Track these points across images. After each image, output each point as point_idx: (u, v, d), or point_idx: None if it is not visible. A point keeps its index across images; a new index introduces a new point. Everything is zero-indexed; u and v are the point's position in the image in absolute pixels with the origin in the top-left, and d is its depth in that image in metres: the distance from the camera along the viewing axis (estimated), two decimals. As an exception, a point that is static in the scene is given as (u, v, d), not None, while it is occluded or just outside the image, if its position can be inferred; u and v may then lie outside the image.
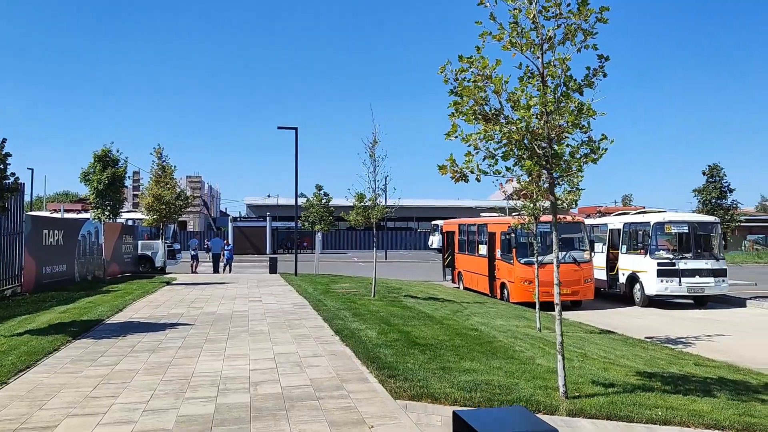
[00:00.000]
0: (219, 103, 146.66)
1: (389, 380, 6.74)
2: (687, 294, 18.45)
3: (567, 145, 6.23)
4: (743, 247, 56.46)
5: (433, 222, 55.23)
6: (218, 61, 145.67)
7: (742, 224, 31.41)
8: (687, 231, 18.71)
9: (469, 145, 6.26)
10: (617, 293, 20.24)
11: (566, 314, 15.86)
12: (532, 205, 11.91)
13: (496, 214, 20.72)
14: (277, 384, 6.72)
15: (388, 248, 50.23)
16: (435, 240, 52.63)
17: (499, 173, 6.41)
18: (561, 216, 16.34)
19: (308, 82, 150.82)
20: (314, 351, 8.57)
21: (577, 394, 6.43)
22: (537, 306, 12.25)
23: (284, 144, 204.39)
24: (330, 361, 7.87)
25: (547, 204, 12.19)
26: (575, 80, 6.19)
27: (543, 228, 16.02)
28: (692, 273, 18.23)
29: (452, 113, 6.35)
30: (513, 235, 18.05)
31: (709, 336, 13.28)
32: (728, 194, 21.38)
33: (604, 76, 6.35)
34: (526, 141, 6.09)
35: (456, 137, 6.28)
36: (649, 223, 18.96)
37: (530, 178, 6.45)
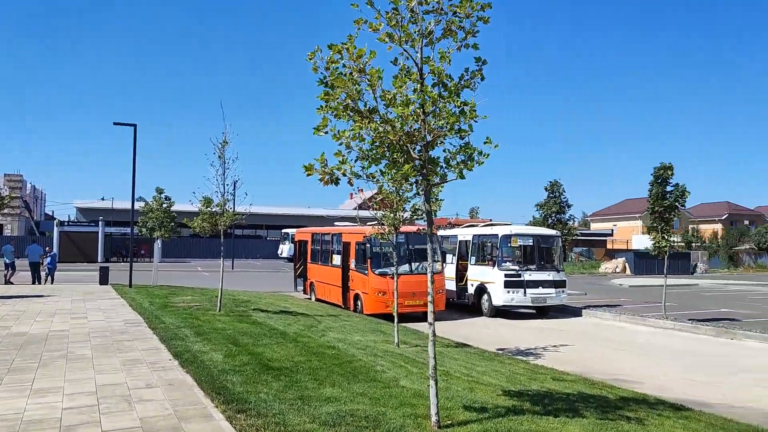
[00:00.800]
0: (44, 94, 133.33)
1: (239, 416, 5.74)
2: (531, 304, 19.15)
3: (445, 150, 5.70)
4: (569, 259, 61.51)
5: (284, 230, 53.90)
6: (43, 44, 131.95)
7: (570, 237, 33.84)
8: (531, 243, 19.45)
9: (340, 144, 5.50)
10: (465, 303, 20.57)
11: (420, 326, 15.65)
12: (392, 215, 11.44)
13: (350, 224, 20.21)
14: (97, 428, 5.45)
15: (235, 257, 48.12)
16: (285, 249, 51.36)
17: (373, 177, 5.73)
18: (419, 227, 16.17)
19: (149, 75, 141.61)
20: (148, 380, 7.29)
21: (450, 422, 5.88)
22: (396, 320, 11.76)
23: (122, 142, 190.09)
24: (167, 393, 6.67)
25: (407, 215, 11.86)
26: (454, 80, 5.67)
27: (399, 239, 15.79)
28: (536, 284, 18.95)
29: (321, 106, 5.55)
30: (368, 245, 17.60)
31: (555, 346, 13.63)
32: (567, 209, 22.74)
33: (482, 79, 5.89)
34: (401, 143, 5.45)
35: (326, 133, 5.49)
36: (497, 235, 19.47)
37: (406, 184, 5.82)
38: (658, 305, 23.35)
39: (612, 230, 75.76)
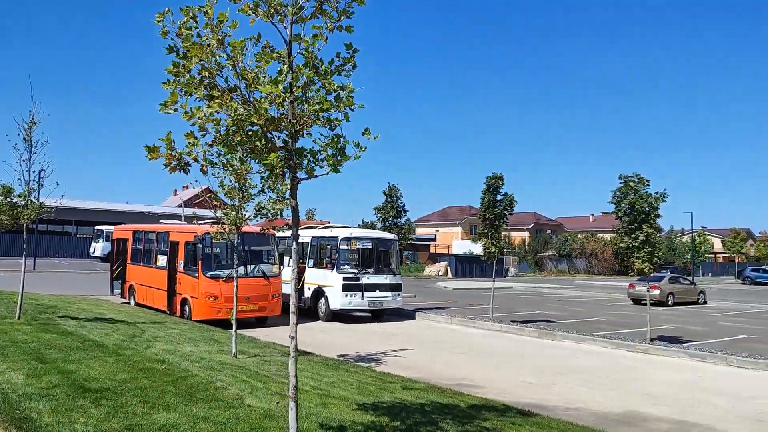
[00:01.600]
0: None
1: (48, 457, 4.60)
2: (368, 308, 19.01)
3: (315, 141, 5.05)
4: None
5: (97, 227, 49.11)
6: None
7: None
8: (370, 247, 19.34)
9: (193, 124, 4.61)
10: (302, 307, 19.92)
11: (255, 332, 14.73)
12: (234, 214, 10.49)
13: (177, 222, 18.68)
14: None
15: (38, 255, 42.79)
16: (98, 247, 46.89)
17: (231, 166, 4.89)
18: (263, 227, 15.28)
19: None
20: None
21: (309, 446, 5.22)
22: (234, 327, 10.78)
23: None
24: (-55, 430, 5.24)
25: (250, 213, 10.96)
26: (325, 63, 5.05)
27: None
28: (373, 287, 18.85)
29: (168, 81, 4.62)
30: (199, 245, 16.27)
31: (395, 351, 13.50)
32: (404, 214, 23.06)
33: (354, 66, 5.34)
34: (266, 129, 4.71)
35: (175, 110, 4.56)
36: (336, 237, 19.09)
37: (267, 178, 5.06)
38: (481, 307, 24.57)
39: (435, 235, 79.50)
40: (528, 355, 13.62)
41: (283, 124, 4.75)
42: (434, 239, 77.39)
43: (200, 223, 18.12)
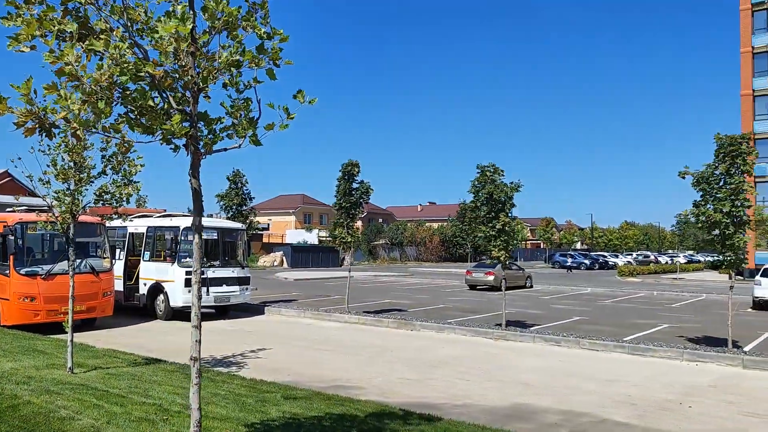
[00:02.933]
0: None
1: None
2: (214, 304, 17.45)
3: (222, 104, 3.92)
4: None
5: None
6: None
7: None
8: (216, 237, 17.76)
9: (60, 73, 3.27)
10: (136, 305, 17.80)
11: (84, 337, 12.74)
12: (69, 200, 8.66)
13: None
14: None
15: None
16: None
17: (117, 131, 3.61)
18: (78, 217, 13.23)
19: None
20: None
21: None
22: (70, 336, 8.93)
23: None
24: None
25: (89, 199, 9.15)
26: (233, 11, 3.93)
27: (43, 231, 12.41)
28: (220, 282, 17.34)
29: (10, 14, 3.24)
30: (11, 237, 13.70)
31: (254, 351, 12.34)
32: (248, 201, 21.59)
33: (266, 17, 4.28)
34: (163, 83, 3.51)
35: (31, 48, 3.20)
36: (178, 227, 17.24)
37: (166, 144, 3.82)
38: (329, 298, 23.97)
39: (268, 224, 77.54)
40: (394, 348, 13.18)
41: (187, 78, 3.57)
42: (267, 228, 75.42)
43: (10, 211, 15.34)
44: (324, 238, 77.30)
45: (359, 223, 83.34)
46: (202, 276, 15.98)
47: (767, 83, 44.23)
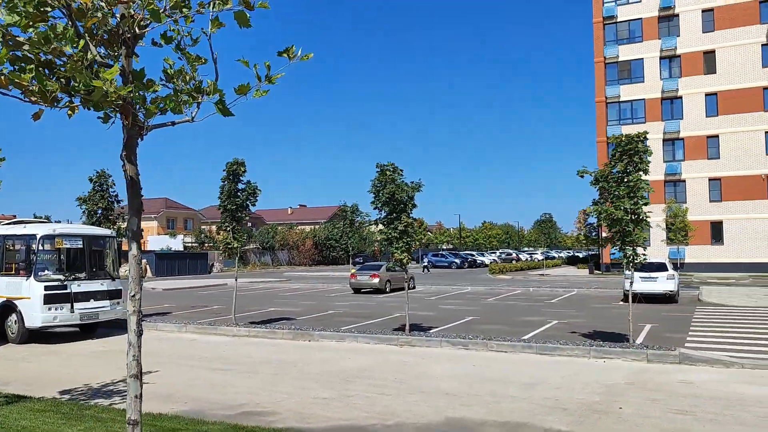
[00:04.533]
0: None
1: None
2: (80, 322, 15.27)
3: (166, 59, 2.79)
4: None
5: None
6: None
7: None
8: (81, 246, 15.58)
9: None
10: (-20, 329, 15.16)
11: None
12: None
13: None
14: None
15: None
16: None
17: (30, 92, 2.37)
18: None
19: None
20: None
21: None
22: None
23: None
24: None
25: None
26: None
27: None
28: (86, 297, 15.22)
29: None
30: None
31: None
32: (116, 205, 19.30)
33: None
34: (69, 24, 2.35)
35: None
36: (34, 236, 14.87)
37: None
38: (207, 309, 22.23)
39: (127, 231, 72.07)
40: (297, 362, 12.09)
41: (126, 20, 2.42)
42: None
43: None
44: (190, 244, 73.33)
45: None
46: (64, 291, 13.89)
47: (618, 91, 47.94)
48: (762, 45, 44.16)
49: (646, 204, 12.51)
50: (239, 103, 2.61)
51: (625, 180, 12.61)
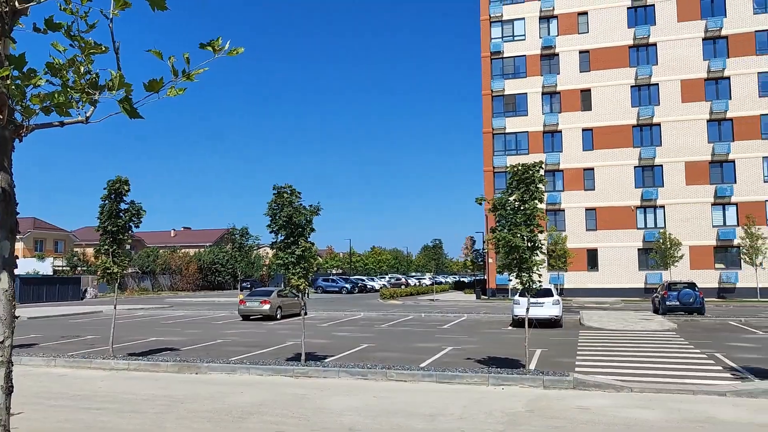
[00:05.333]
0: None
1: None
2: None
3: (55, 62, 2.21)
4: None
5: None
6: None
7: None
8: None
9: None
10: None
11: None
12: None
13: None
14: None
15: None
16: None
17: None
18: None
19: None
20: None
21: None
22: None
23: None
24: None
25: None
26: None
27: None
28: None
29: None
30: None
31: (-5, 421, 9.33)
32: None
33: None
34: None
35: None
36: None
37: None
38: (80, 340, 20.38)
39: (-13, 252, 65.57)
40: (186, 399, 11.12)
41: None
42: (-14, 257, 63.69)
43: None
44: (61, 268, 67.84)
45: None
46: None
47: (504, 123, 50.18)
48: (631, 86, 48.05)
49: (541, 232, 12.81)
50: (150, 102, 2.09)
51: (522, 208, 12.87)
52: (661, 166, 47.03)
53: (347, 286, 63.43)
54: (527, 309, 14.03)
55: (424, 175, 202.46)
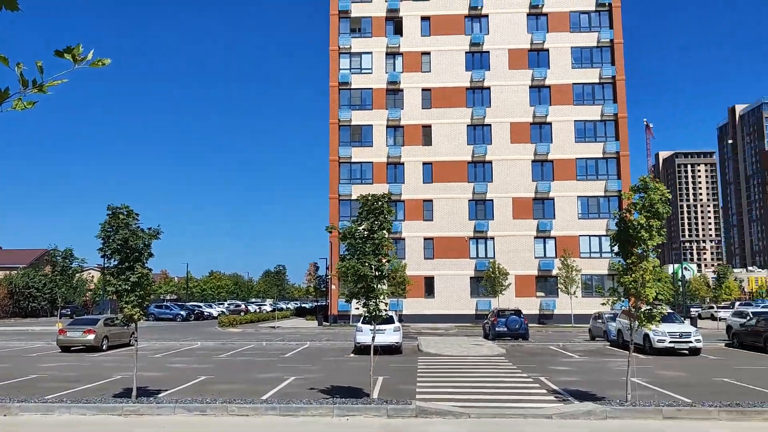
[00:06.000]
0: None
1: None
2: None
3: None
4: None
5: None
6: None
7: None
8: None
9: None
10: None
11: None
12: None
13: None
14: None
15: None
16: None
17: None
18: None
19: None
20: None
21: None
22: None
23: None
24: None
25: None
26: None
27: None
28: None
29: None
30: None
31: None
32: None
33: None
34: None
35: None
36: None
37: None
38: None
39: None
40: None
41: None
42: None
43: None
44: None
45: None
46: None
47: (350, 152, 51.14)
48: (467, 125, 51.42)
49: (389, 261, 13.07)
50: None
51: (371, 237, 13.05)
52: (492, 200, 50.61)
53: (182, 313, 60.18)
54: (373, 338, 14.11)
55: (268, 200, 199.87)
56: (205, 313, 64.11)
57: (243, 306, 79.35)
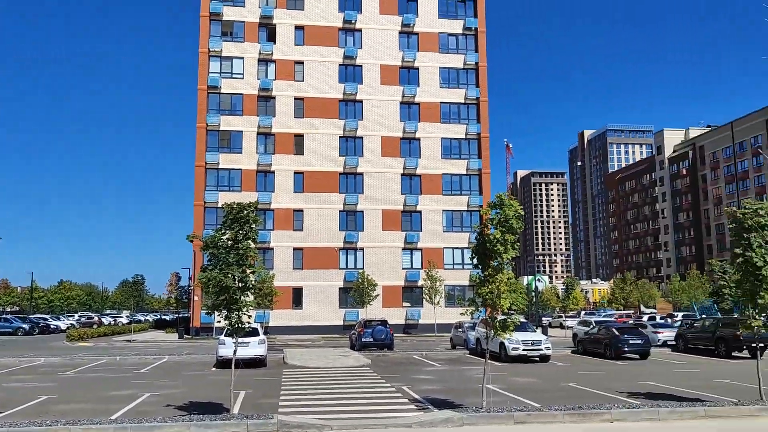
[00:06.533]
0: None
1: None
2: None
3: None
4: None
5: None
6: None
7: None
8: None
9: None
10: None
11: None
12: None
13: None
14: None
15: None
16: None
17: None
18: None
19: None
20: None
21: None
22: None
23: None
24: None
25: None
26: None
27: None
28: None
29: None
30: None
31: None
32: None
33: None
34: None
35: None
36: None
37: None
38: None
39: None
40: None
41: None
42: None
43: None
44: None
45: None
46: None
47: (218, 158, 49.58)
48: (339, 137, 51.80)
49: (254, 272, 12.75)
50: None
51: (236, 247, 12.67)
52: (363, 212, 51.27)
53: (25, 326, 54.93)
54: (234, 351, 13.67)
55: (126, 205, 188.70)
56: (52, 326, 58.94)
57: (96, 318, 73.87)
